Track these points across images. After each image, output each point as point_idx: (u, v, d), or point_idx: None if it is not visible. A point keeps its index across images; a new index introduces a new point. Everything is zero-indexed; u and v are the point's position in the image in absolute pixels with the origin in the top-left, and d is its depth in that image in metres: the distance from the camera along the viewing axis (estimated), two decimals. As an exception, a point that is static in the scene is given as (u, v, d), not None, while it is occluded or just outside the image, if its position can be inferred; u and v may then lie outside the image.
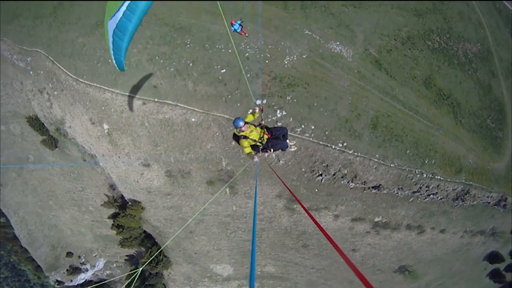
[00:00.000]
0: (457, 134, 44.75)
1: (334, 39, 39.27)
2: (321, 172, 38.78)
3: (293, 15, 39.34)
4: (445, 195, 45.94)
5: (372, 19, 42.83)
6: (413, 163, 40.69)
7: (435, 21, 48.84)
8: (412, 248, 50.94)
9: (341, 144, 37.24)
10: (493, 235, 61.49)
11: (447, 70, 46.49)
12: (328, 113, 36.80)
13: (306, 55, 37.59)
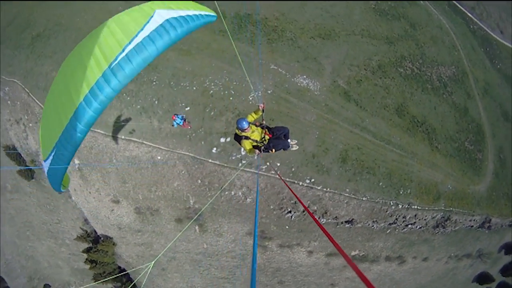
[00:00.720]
0: (433, 161, 42.53)
1: (301, 72, 37.48)
2: (290, 209, 36.44)
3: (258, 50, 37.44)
4: (424, 224, 43.39)
5: (341, 50, 41.15)
6: (387, 195, 38.31)
7: (407, 48, 47.16)
8: (394, 279, 48.08)
9: (309, 180, 34.97)
10: (479, 257, 58.52)
11: (421, 96, 44.56)
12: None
13: (271, 91, 35.70)
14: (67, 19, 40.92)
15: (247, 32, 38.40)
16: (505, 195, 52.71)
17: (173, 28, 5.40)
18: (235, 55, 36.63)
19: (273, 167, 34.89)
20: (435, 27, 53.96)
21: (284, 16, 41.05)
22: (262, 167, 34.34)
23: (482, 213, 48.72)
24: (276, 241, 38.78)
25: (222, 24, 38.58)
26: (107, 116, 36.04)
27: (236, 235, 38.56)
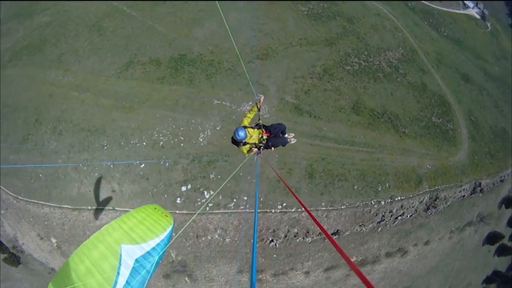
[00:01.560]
0: (404, 147, 39.85)
1: (246, 100, 35.25)
2: (271, 238, 33.66)
3: (199, 89, 35.47)
4: (413, 211, 40.45)
5: (282, 65, 38.96)
6: (365, 196, 35.58)
7: (349, 44, 45.02)
8: (402, 271, 44.81)
9: (281, 206, 32.38)
10: (482, 220, 55.23)
11: (375, 87, 42.15)
12: (255, 178, 31.90)
13: (220, 127, 33.34)
14: (14, 99, 38.69)
15: (185, 73, 36.34)
16: (488, 154, 49.81)
17: (147, 271, 5.48)
18: (177, 101, 34.60)
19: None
20: (373, 16, 51.97)
21: (218, 47, 38.96)
22: (229, 205, 31.74)
23: (469, 180, 45.72)
24: (268, 271, 35.75)
25: (159, 71, 36.92)
26: (70, 190, 33.51)
27: (227, 277, 35.54)
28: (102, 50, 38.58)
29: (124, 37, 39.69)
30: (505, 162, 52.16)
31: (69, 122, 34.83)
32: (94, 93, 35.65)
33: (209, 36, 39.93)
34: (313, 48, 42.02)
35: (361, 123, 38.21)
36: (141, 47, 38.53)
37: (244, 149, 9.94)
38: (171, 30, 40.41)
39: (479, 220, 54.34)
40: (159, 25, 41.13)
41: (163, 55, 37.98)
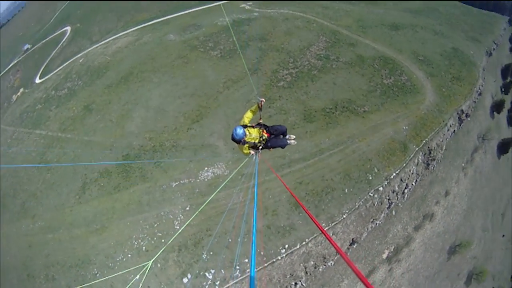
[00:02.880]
0: (372, 125, 35.84)
1: (201, 168, 31.92)
2: (294, 282, 29.19)
3: (154, 180, 32.32)
4: (415, 176, 35.90)
5: (219, 117, 36.28)
6: (360, 192, 31.29)
7: (272, 60, 42.10)
8: (439, 232, 39.72)
9: (284, 249, 28.17)
10: (484, 139, 50.00)
11: (315, 87, 38.73)
12: (240, 238, 28.22)
13: (188, 206, 29.91)
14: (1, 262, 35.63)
15: (135, 172, 33.35)
16: (453, 80, 44.78)
17: None
18: (140, 201, 31.38)
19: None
20: (282, 23, 49.32)
21: (153, 131, 36.05)
22: (235, 274, 27.61)
23: (451, 114, 40.75)
24: (314, 312, 31.17)
25: (112, 181, 33.95)
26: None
27: None
28: (56, 184, 35.77)
29: (69, 162, 37.21)
30: (473, 76, 47.53)
31: (56, 265, 31.38)
32: (66, 227, 32.42)
33: (141, 125, 37.28)
34: (240, 84, 39.06)
35: (319, 128, 34.47)
36: (87, 165, 35.83)
37: (244, 148, 8.96)
38: (107, 136, 37.77)
39: (482, 140, 49.16)
40: (94, 136, 38.63)
41: (106, 161, 35.27)
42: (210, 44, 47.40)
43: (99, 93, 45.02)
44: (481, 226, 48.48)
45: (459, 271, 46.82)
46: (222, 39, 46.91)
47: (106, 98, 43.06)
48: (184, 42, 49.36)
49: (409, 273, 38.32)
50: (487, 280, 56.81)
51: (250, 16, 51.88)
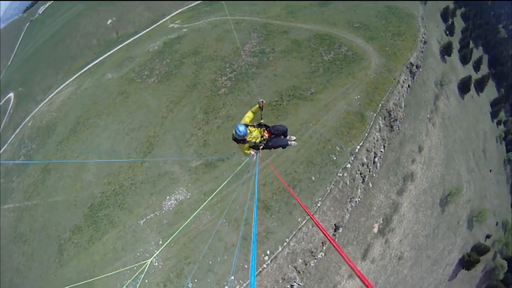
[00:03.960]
0: (323, 105, 33.93)
1: (163, 198, 29.51)
2: (289, 284, 26.80)
3: (122, 223, 30.30)
4: (382, 142, 33.96)
5: (168, 142, 34.24)
6: (328, 175, 29.17)
7: (209, 71, 40.13)
8: (425, 189, 37.99)
9: (267, 256, 26.05)
10: (442, 84, 48.64)
11: (256, 84, 36.68)
12: (219, 258, 25.66)
13: (161, 240, 27.91)
14: None
15: (103, 220, 30.42)
16: (394, 37, 43.34)
17: None
18: (114, 248, 28.47)
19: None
20: (211, 31, 47.38)
21: (110, 174, 34.13)
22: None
23: (400, 70, 38.94)
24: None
25: (84, 235, 31.06)
26: None
27: None
28: (35, 253, 33.30)
29: (40, 229, 34.53)
30: (413, 27, 46.23)
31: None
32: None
33: (98, 172, 34.97)
34: (182, 104, 36.84)
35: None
36: (58, 226, 33.37)
37: (244, 147, 8.79)
38: (69, 192, 35.30)
39: (440, 86, 47.86)
40: (57, 195, 36.17)
41: (77, 218, 32.68)
42: (146, 73, 45.07)
43: (52, 151, 42.35)
44: (466, 169, 46.95)
45: (458, 219, 45.07)
46: (156, 64, 44.67)
47: (60, 155, 40.64)
48: (121, 78, 46.92)
49: (407, 238, 36.24)
50: (489, 217, 55.32)
51: (180, 33, 49.79)
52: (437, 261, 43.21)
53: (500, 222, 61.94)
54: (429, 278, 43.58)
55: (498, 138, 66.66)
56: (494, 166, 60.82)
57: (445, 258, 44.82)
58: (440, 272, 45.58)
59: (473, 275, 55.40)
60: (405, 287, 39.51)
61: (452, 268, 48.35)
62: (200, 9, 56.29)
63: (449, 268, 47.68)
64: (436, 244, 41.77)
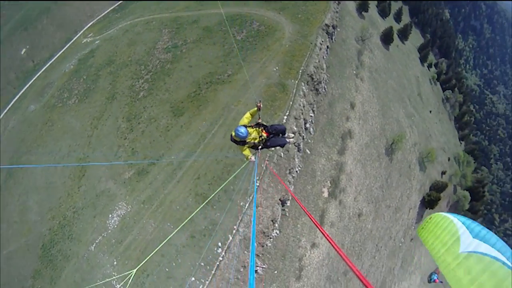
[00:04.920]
0: (241, 84, 32.08)
1: (105, 217, 28.15)
2: (257, 268, 24.81)
3: (75, 253, 28.64)
4: (309, 108, 32.78)
5: (99, 159, 30.81)
6: (261, 152, 27.24)
7: (125, 78, 37.45)
8: (368, 143, 37.25)
9: (220, 248, 24.64)
10: (363, 39, 48.16)
11: (172, 79, 34.62)
12: (174, 262, 23.31)
13: (114, 259, 25.90)
14: None
15: (57, 264, 26.87)
16: (305, 2, 42.58)
17: None
18: (75, 282, 25.15)
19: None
20: (123, 36, 43.87)
21: (52, 209, 31.64)
22: None
23: (316, 33, 37.76)
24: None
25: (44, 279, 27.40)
26: None
27: None
28: None
29: (3, 285, 31.34)
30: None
31: None
32: None
33: (40, 209, 32.57)
34: (104, 118, 34.15)
35: (192, 116, 30.14)
36: (19, 277, 30.60)
37: (244, 148, 8.44)
38: (18, 238, 32.70)
39: (362, 42, 47.60)
40: (9, 245, 33.14)
41: (34, 263, 29.88)
42: (65, 95, 41.41)
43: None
44: (405, 115, 47.25)
45: (409, 164, 45.30)
46: (74, 84, 41.19)
47: (2, 202, 36.34)
48: (43, 106, 43.10)
49: (361, 194, 35.52)
50: (439, 155, 56.65)
51: (92, 47, 46.08)
52: (398, 209, 43.25)
53: (452, 157, 63.92)
54: (395, 226, 43.62)
55: (432, 80, 68.55)
56: (433, 107, 62.42)
57: (405, 203, 45.06)
58: (405, 217, 45.86)
59: (438, 211, 56.71)
60: (373, 240, 39.08)
61: (416, 211, 48.95)
62: (110, 17, 52.58)
63: (413, 212, 48.19)
64: (393, 193, 41.70)
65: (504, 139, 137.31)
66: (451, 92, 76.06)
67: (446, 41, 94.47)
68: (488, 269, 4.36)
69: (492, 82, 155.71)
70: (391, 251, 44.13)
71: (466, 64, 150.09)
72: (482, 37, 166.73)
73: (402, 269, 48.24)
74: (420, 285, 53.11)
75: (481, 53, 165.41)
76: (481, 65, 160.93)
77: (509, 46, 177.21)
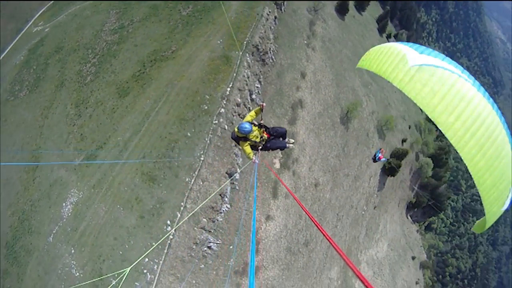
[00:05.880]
0: (185, 58, 30.87)
1: (59, 206, 26.99)
2: (206, 246, 24.63)
3: (35, 247, 27.48)
4: (254, 78, 31.95)
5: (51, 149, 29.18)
6: (203, 125, 27.02)
7: (73, 63, 35.54)
8: (320, 112, 36.83)
9: (169, 226, 23.69)
10: (315, 10, 46.73)
11: (119, 59, 33.17)
12: (127, 244, 22.79)
13: (71, 247, 25.31)
14: None
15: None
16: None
17: None
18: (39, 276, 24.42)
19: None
20: (72, 21, 41.52)
21: (12, 204, 29.35)
22: None
23: (262, 4, 35.78)
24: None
25: None
26: None
27: None
28: None
29: None
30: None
31: None
32: None
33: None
34: (54, 106, 32.87)
35: (136, 95, 29.08)
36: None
37: (245, 145, 8.39)
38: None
39: (314, 12, 46.24)
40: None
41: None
42: (17, 88, 39.17)
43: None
44: (361, 84, 46.78)
45: (367, 131, 45.24)
46: (24, 75, 38.94)
47: None
48: (-3, 105, 40.76)
49: (316, 164, 35.31)
50: (399, 123, 56.94)
51: (42, 35, 43.35)
52: (358, 177, 43.47)
53: (413, 125, 64.40)
54: (356, 195, 43.95)
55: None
56: (392, 75, 62.14)
57: (365, 172, 45.31)
58: (365, 186, 46.24)
59: (401, 179, 57.66)
60: (333, 210, 39.32)
61: (377, 179, 49.39)
62: (60, 3, 49.37)
63: (374, 180, 48.61)
64: (351, 161, 41.74)
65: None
66: (412, 60, 75.53)
67: (406, 13, 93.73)
68: (444, 80, 4.04)
69: (455, 55, 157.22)
70: (354, 219, 44.68)
71: (429, 37, 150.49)
72: (445, 11, 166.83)
73: (368, 237, 49.16)
74: (388, 251, 54.50)
75: (445, 27, 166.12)
76: (444, 38, 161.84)
77: (472, 21, 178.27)
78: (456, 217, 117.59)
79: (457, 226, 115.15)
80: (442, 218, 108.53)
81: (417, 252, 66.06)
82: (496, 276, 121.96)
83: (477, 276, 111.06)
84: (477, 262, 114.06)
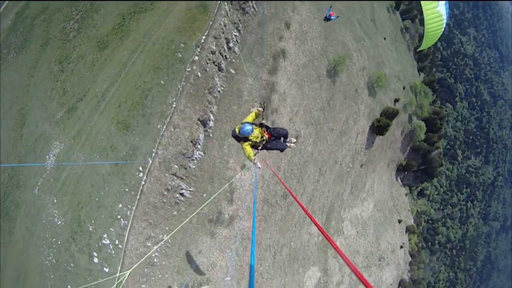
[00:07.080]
0: (155, 16, 29.32)
1: (43, 159, 27.05)
2: (178, 193, 24.76)
3: (22, 199, 27.87)
4: (232, 27, 30.18)
5: (37, 109, 29.43)
6: (176, 73, 26.12)
7: (58, 19, 34.14)
8: (305, 64, 34.88)
9: (141, 172, 23.28)
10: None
11: (101, 14, 31.79)
12: (102, 191, 22.96)
13: (54, 198, 25.43)
14: None
15: None
16: None
17: None
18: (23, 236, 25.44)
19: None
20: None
21: None
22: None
23: None
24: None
25: None
26: None
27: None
28: None
29: None
30: None
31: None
32: None
33: None
34: (39, 65, 32.28)
35: (115, 47, 28.27)
36: None
37: (246, 145, 8.19)
38: None
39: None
40: None
41: None
42: (5, 51, 38.49)
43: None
44: (353, 38, 43.90)
45: (356, 87, 43.07)
46: (12, 39, 38.07)
47: None
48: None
49: (298, 116, 34.12)
50: (394, 82, 53.92)
51: None
52: (344, 133, 42.00)
53: (408, 86, 61.03)
54: (341, 151, 42.68)
55: (390, 8, 63.24)
56: (388, 35, 58.19)
57: (352, 128, 43.64)
58: (352, 142, 44.73)
59: (392, 139, 55.57)
60: (315, 164, 38.40)
61: (365, 136, 47.63)
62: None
63: (362, 137, 46.91)
64: (336, 116, 40.13)
65: (471, 80, 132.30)
66: (411, 22, 70.67)
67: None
68: None
69: (463, 24, 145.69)
70: (338, 176, 43.64)
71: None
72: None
73: (352, 195, 48.24)
74: (374, 212, 53.61)
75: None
76: (452, 5, 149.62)
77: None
78: (450, 186, 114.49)
79: (450, 195, 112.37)
80: (436, 186, 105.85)
81: (404, 215, 65.00)
82: (484, 251, 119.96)
83: (466, 247, 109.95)
84: (467, 234, 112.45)
